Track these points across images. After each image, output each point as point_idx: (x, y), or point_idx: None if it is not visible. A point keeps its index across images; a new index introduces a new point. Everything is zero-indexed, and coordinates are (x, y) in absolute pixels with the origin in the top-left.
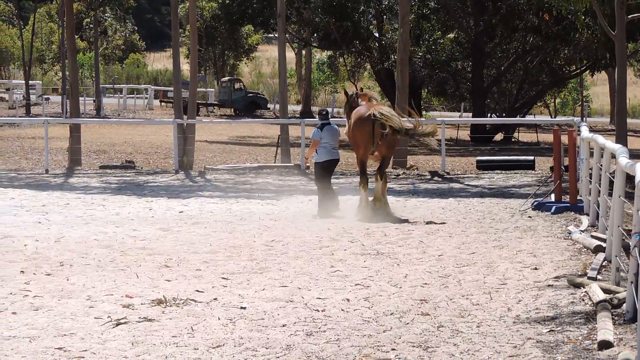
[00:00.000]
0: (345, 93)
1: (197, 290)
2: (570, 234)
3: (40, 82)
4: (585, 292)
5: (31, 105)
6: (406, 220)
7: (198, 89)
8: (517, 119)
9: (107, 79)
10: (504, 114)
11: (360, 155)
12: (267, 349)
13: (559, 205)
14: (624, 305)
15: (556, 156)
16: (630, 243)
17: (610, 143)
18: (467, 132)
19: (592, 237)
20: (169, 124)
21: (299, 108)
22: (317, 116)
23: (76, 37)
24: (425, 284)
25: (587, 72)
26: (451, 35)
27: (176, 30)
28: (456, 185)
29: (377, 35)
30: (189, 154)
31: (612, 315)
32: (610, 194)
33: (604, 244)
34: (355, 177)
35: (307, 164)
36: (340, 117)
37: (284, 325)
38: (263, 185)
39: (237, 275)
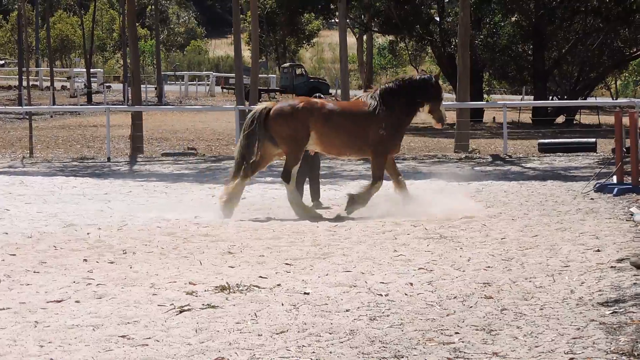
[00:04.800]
0: None
1: (261, 277)
2: (632, 215)
3: (102, 70)
4: None
5: (93, 93)
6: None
7: (259, 75)
8: (579, 102)
9: (169, 66)
10: (565, 97)
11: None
12: (330, 334)
13: (621, 187)
14: None
15: (618, 138)
16: None
17: None
18: (529, 115)
19: None
20: (230, 110)
21: (360, 93)
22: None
23: (137, 24)
24: (489, 267)
25: None
26: (512, 19)
27: (237, 17)
28: (518, 168)
29: (438, 19)
30: None
31: None
32: None
33: None
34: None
35: None
36: None
37: (347, 310)
38: (325, 171)
39: (301, 261)
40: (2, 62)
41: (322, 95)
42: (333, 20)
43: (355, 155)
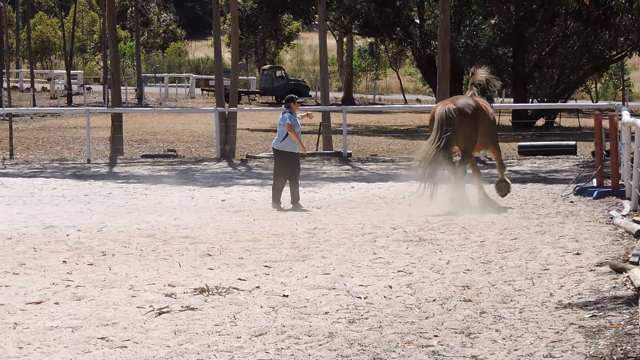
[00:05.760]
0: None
1: (240, 279)
2: (612, 218)
3: (82, 71)
4: (627, 276)
5: (73, 95)
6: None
7: (239, 77)
8: (559, 104)
9: (149, 68)
10: (545, 99)
11: None
12: (309, 336)
13: (601, 190)
14: None
15: (598, 141)
16: None
17: None
18: (509, 118)
19: (634, 221)
20: (210, 112)
21: (340, 95)
22: (285, 104)
23: (117, 26)
24: (468, 270)
25: (628, 56)
26: (492, 21)
27: (217, 19)
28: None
29: (418, 21)
30: (230, 142)
31: None
32: None
33: None
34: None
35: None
36: (382, 104)
37: (326, 313)
38: (305, 173)
39: (280, 263)
40: None
41: (296, 97)
42: (313, 23)
43: (478, 150)
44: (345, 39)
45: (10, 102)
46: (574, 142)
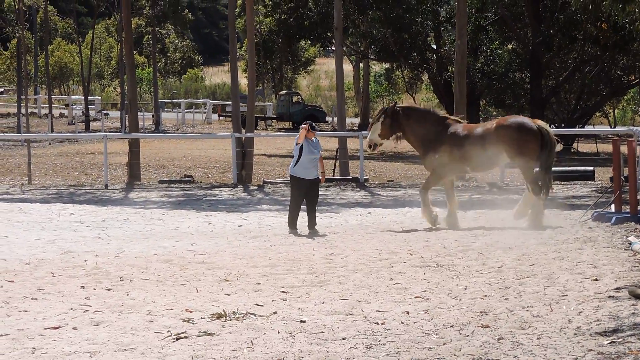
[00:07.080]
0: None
1: (257, 304)
2: (630, 244)
3: (99, 97)
4: None
5: (90, 120)
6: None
7: (256, 103)
8: (576, 130)
9: (166, 94)
10: (562, 125)
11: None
12: None
13: (619, 216)
14: None
15: (616, 166)
16: None
17: None
18: None
19: None
20: (227, 138)
21: (357, 120)
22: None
23: (135, 52)
24: (485, 296)
25: None
26: (509, 46)
27: (234, 45)
28: (515, 197)
29: (434, 47)
30: (247, 167)
31: None
32: None
33: None
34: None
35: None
36: None
37: (343, 339)
38: (322, 198)
39: (297, 289)
40: (1, 89)
41: (313, 125)
42: (330, 48)
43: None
44: (361, 65)
45: (28, 128)
46: (591, 168)
